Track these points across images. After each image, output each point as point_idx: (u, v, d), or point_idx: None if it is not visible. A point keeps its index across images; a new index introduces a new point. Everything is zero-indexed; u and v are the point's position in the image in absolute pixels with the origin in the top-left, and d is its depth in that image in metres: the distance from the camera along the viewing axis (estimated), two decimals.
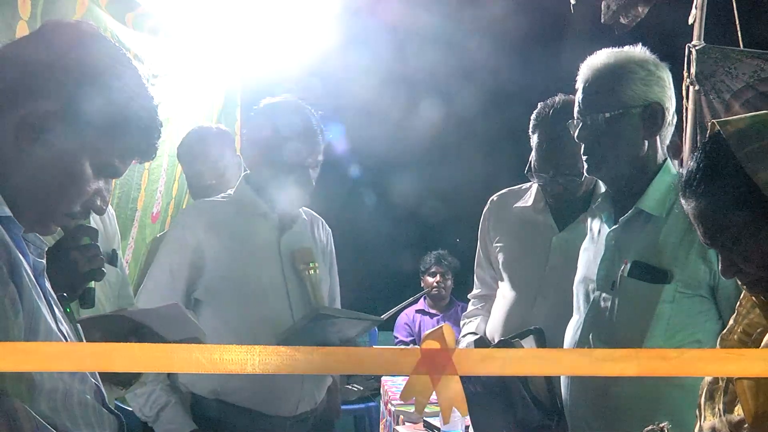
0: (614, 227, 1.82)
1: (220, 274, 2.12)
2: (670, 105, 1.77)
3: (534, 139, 2.30)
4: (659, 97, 1.74)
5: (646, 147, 1.76)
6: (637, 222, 1.77)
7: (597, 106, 1.75)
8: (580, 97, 1.80)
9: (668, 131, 1.80)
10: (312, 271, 2.17)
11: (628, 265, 1.73)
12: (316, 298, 2.18)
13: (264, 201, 2.19)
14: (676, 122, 1.83)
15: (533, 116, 2.31)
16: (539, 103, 2.32)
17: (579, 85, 1.82)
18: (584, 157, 1.80)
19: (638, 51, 1.79)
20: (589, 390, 1.80)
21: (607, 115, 1.74)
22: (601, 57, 1.79)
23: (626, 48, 1.81)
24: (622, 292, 1.74)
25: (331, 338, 2.14)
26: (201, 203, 2.31)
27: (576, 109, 1.82)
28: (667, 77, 1.78)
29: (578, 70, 1.84)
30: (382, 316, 2.14)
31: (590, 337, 1.80)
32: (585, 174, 1.88)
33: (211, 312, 2.11)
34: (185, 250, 2.13)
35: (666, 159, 1.81)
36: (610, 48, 1.81)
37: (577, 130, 1.80)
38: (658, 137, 1.77)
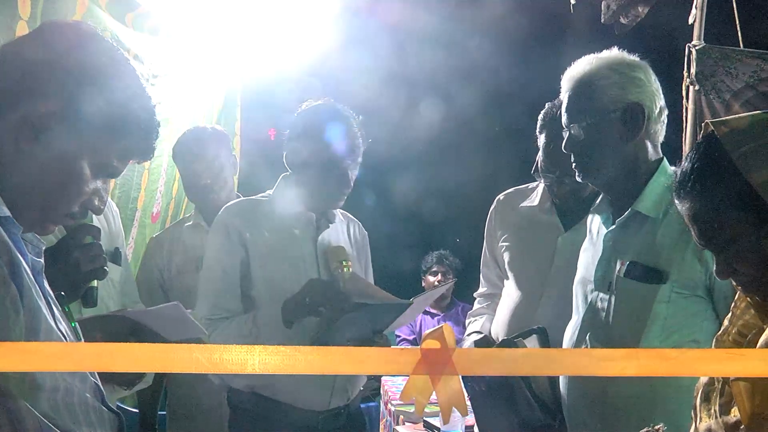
0: (611, 228, 1.82)
1: (263, 273, 2.15)
2: (652, 103, 1.76)
3: (541, 139, 2.31)
4: (637, 97, 1.74)
5: (632, 149, 1.76)
6: (633, 223, 1.77)
7: (577, 115, 1.78)
8: (563, 108, 1.83)
9: (657, 129, 1.79)
10: (345, 269, 2.18)
11: (625, 266, 1.73)
12: None
13: (303, 201, 2.23)
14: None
15: (540, 116, 2.32)
16: (546, 104, 2.33)
17: (563, 96, 1.84)
18: (574, 165, 1.82)
19: (612, 54, 1.80)
20: (587, 390, 1.80)
21: (586, 123, 1.76)
22: (577, 67, 1.82)
23: (602, 53, 1.81)
24: (619, 293, 1.74)
25: (369, 327, 2.15)
26: (241, 202, 2.32)
27: (562, 120, 1.84)
28: (645, 76, 1.77)
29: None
30: (411, 299, 2.14)
31: (587, 337, 1.80)
32: (579, 181, 1.89)
33: (262, 310, 2.13)
34: (234, 249, 2.15)
35: (662, 159, 1.81)
36: (589, 54, 1.82)
37: (564, 141, 1.83)
38: (646, 137, 1.77)
